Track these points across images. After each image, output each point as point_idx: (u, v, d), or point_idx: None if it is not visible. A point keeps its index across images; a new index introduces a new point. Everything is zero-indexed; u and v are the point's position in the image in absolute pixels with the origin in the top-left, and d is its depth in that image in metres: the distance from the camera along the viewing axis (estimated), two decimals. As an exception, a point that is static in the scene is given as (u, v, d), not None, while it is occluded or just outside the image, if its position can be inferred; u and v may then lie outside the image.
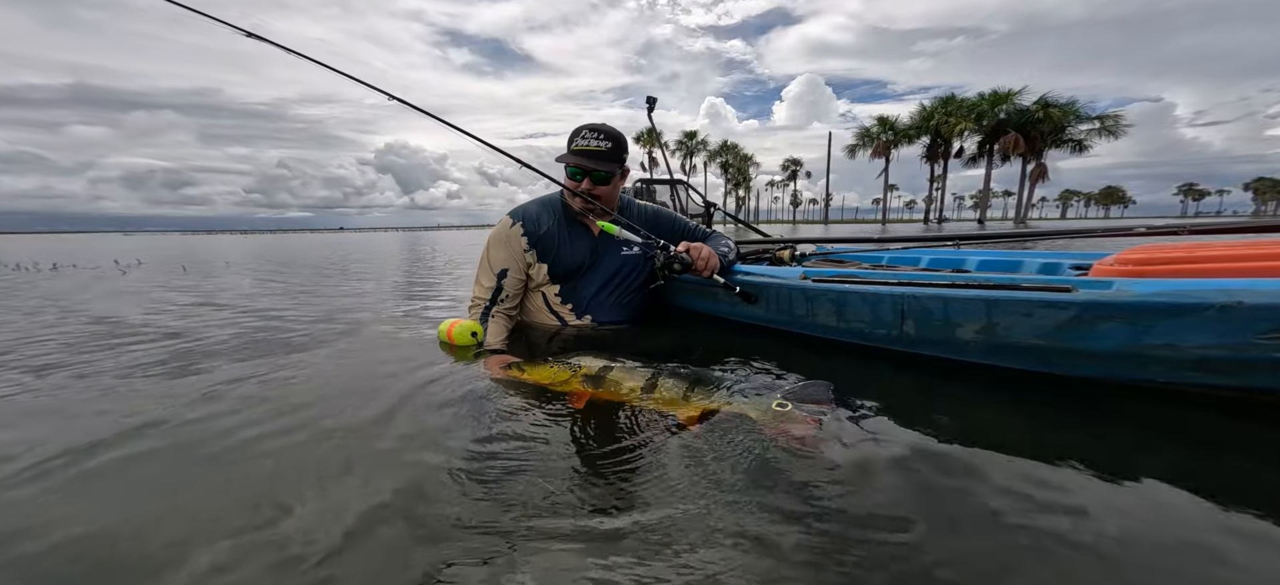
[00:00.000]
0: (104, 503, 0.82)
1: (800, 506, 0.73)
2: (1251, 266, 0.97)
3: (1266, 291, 0.88)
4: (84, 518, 0.77)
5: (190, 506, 0.80)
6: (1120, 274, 1.07)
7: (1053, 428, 0.99)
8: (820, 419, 0.96)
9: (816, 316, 1.53)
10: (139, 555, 0.68)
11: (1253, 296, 0.88)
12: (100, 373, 1.57)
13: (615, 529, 0.69)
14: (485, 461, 0.88)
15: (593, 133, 1.69)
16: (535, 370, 1.24)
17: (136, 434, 1.05)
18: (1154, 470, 0.80)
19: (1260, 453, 0.87)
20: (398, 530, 0.71)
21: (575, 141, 1.69)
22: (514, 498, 0.77)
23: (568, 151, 1.71)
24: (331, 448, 0.97)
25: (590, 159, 1.67)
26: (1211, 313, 0.91)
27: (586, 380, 1.17)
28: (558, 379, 1.19)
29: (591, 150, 1.68)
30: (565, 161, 1.71)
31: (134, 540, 0.72)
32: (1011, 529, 0.68)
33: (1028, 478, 0.79)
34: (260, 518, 0.75)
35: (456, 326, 1.66)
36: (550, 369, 1.22)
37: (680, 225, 1.99)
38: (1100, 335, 1.03)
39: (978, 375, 1.24)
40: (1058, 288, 1.09)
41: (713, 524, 0.69)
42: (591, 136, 1.68)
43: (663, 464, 0.85)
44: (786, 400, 1.03)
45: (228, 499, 0.81)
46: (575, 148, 1.69)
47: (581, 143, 1.68)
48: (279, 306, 2.91)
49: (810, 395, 1.06)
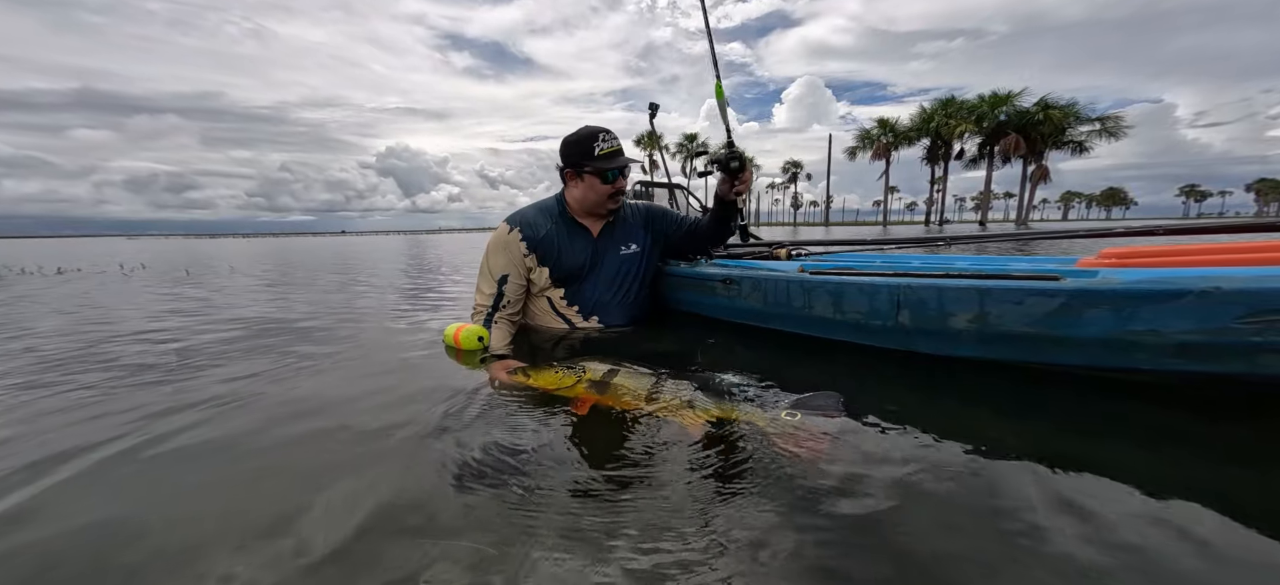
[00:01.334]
0: (106, 504, 0.83)
1: (810, 519, 0.72)
2: (1226, 259, 1.01)
3: (1242, 277, 0.91)
4: (87, 518, 0.78)
5: (196, 509, 0.81)
6: (1104, 266, 1.11)
7: (1055, 434, 0.99)
8: (829, 433, 0.95)
9: (814, 310, 1.56)
10: (143, 556, 0.70)
11: (1229, 282, 0.91)
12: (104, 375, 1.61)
13: (621, 537, 0.69)
14: (490, 468, 0.88)
15: (609, 135, 1.77)
16: (540, 375, 1.23)
17: (144, 436, 1.07)
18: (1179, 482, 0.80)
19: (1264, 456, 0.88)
20: (402, 534, 0.71)
21: (599, 146, 1.75)
22: (518, 505, 0.77)
23: (594, 158, 1.75)
24: (337, 453, 0.98)
25: (622, 157, 1.78)
26: (1191, 298, 0.94)
27: (591, 386, 1.16)
28: (563, 384, 1.19)
29: (618, 149, 1.78)
30: (596, 166, 1.75)
31: (138, 541, 0.73)
32: (1024, 536, 0.68)
33: (1041, 484, 0.79)
34: (263, 520, 0.76)
35: (463, 331, 1.67)
36: (555, 374, 1.21)
37: (675, 218, 2.06)
38: (1087, 322, 1.07)
39: (979, 385, 1.23)
40: (1046, 276, 1.13)
41: (719, 533, 0.69)
42: (611, 139, 1.77)
43: (668, 472, 0.85)
44: (796, 409, 1.02)
45: (230, 502, 0.83)
46: (604, 151, 1.75)
47: (607, 145, 1.75)
48: (283, 308, 2.95)
49: (820, 405, 1.04)
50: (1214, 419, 1.01)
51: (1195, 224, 1.56)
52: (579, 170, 1.77)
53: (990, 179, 36.20)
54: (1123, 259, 1.12)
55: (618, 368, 1.20)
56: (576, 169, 1.78)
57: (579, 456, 0.92)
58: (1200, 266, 1.08)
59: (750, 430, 0.97)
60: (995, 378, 1.25)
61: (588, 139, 1.75)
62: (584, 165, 1.76)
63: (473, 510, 0.76)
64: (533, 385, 1.23)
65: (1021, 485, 0.79)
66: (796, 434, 0.94)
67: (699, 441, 0.94)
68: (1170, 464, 0.88)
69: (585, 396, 1.14)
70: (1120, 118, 30.66)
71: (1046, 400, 1.14)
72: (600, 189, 1.78)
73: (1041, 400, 1.14)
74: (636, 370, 1.20)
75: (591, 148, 1.74)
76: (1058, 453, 0.88)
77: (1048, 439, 0.97)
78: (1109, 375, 1.14)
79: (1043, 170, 33.00)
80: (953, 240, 2.17)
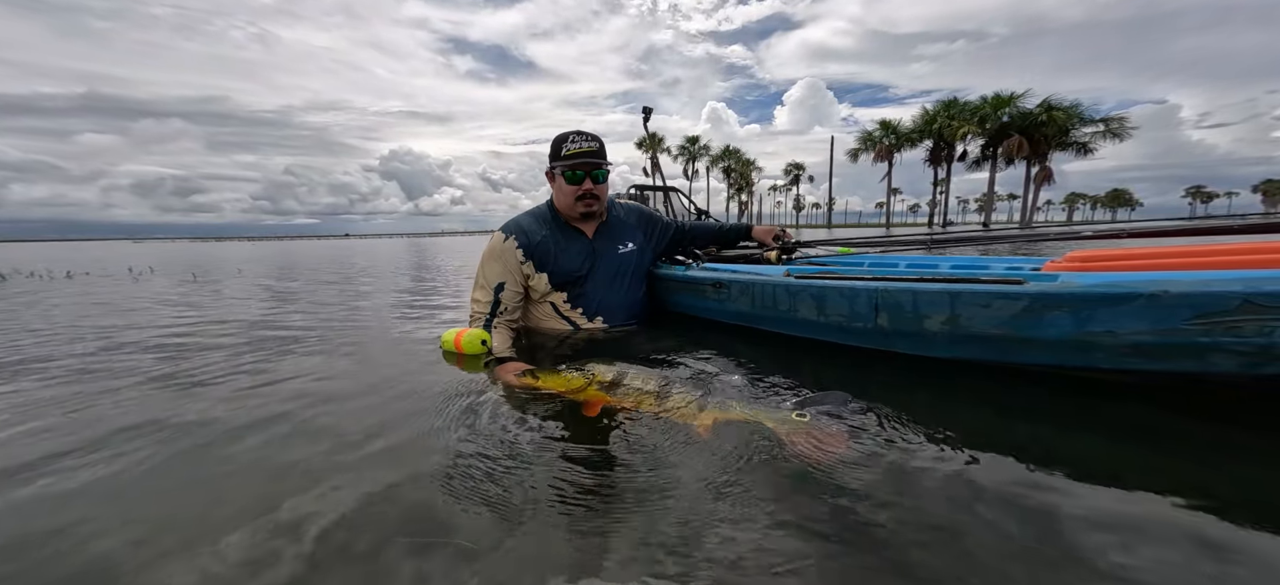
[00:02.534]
0: (108, 504, 0.85)
1: (824, 519, 0.72)
2: (1180, 263, 1.07)
3: (1189, 282, 0.97)
4: (90, 518, 0.81)
5: (201, 509, 0.83)
6: (1066, 270, 1.17)
7: (1066, 433, 1.00)
8: (843, 433, 0.95)
9: (798, 312, 1.62)
10: (148, 556, 0.71)
11: (1177, 286, 0.97)
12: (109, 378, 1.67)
13: (634, 540, 0.70)
14: (499, 471, 0.89)
15: (582, 136, 1.80)
16: (549, 378, 1.23)
17: (155, 436, 1.11)
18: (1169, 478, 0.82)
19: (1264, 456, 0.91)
20: (411, 537, 0.72)
21: (567, 146, 1.79)
22: (528, 508, 0.78)
23: (560, 158, 1.79)
24: (345, 457, 0.99)
25: (588, 158, 1.78)
26: (1141, 301, 1.00)
27: (600, 388, 1.17)
28: (572, 387, 1.19)
29: (586, 150, 1.79)
30: (561, 167, 1.79)
31: (143, 541, 0.74)
32: (1049, 540, 0.68)
33: (1038, 483, 0.80)
34: (263, 522, 0.77)
35: (465, 335, 1.66)
36: (563, 377, 1.21)
37: (665, 223, 2.13)
38: (1048, 324, 1.13)
39: (989, 386, 1.25)
40: (1011, 281, 1.19)
41: (729, 534, 0.70)
42: (582, 139, 1.79)
43: (679, 474, 0.85)
44: (805, 409, 1.03)
45: (231, 504, 0.84)
46: (570, 151, 1.78)
47: (574, 145, 1.79)
48: (288, 311, 3.02)
49: (829, 405, 1.05)
50: (1220, 423, 1.01)
51: (1140, 228, 1.61)
52: (552, 169, 1.83)
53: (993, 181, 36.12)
54: (1086, 263, 1.18)
55: (626, 369, 1.21)
56: (551, 169, 1.84)
57: (591, 459, 0.93)
58: (1160, 270, 1.14)
59: (760, 431, 0.97)
60: (1012, 381, 1.25)
61: (561, 140, 1.80)
62: (555, 165, 1.81)
63: (479, 516, 0.77)
64: (542, 388, 1.23)
65: (1044, 489, 0.79)
66: (808, 434, 0.94)
67: (709, 443, 0.94)
68: (1187, 466, 0.87)
69: (595, 398, 1.14)
70: (1124, 119, 30.58)
71: (1055, 399, 1.15)
72: (566, 189, 1.81)
73: (1045, 399, 1.15)
74: (645, 372, 1.21)
75: (560, 148, 1.79)
76: (1082, 457, 0.89)
77: (1084, 447, 0.95)
78: (1073, 374, 1.20)
79: (1046, 172, 32.91)
80: (947, 242, 2.23)
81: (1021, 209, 34.78)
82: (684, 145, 52.68)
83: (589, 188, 1.80)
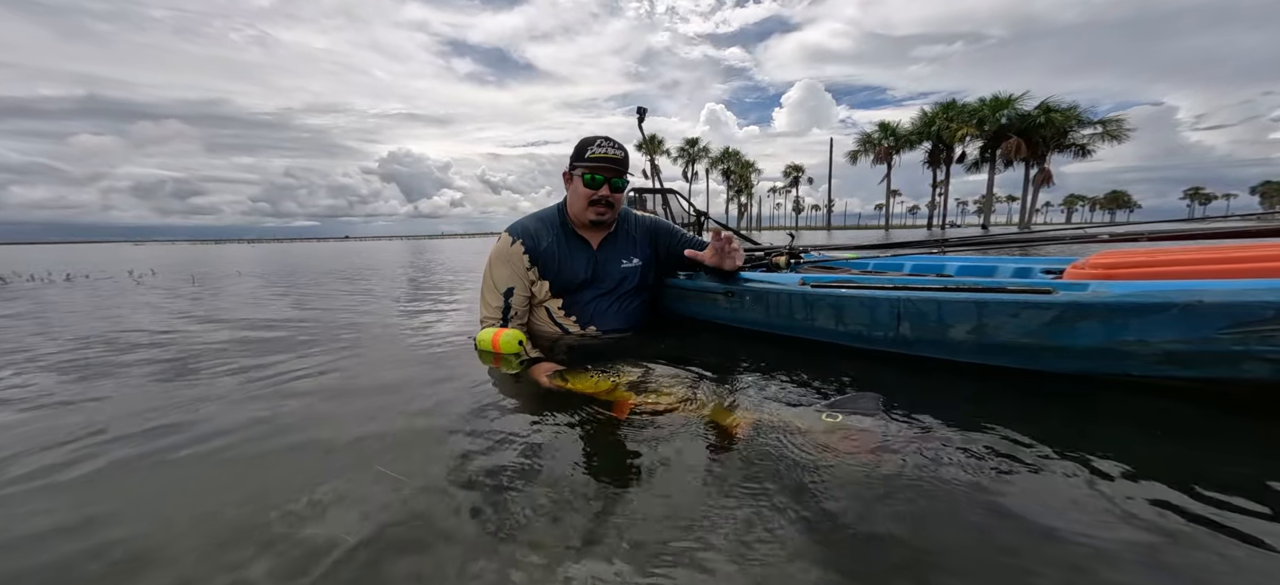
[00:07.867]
0: (110, 504, 0.85)
1: (858, 525, 0.71)
2: (1211, 268, 1.06)
3: (1224, 291, 0.96)
4: (91, 517, 0.81)
5: (216, 507, 0.83)
6: (1093, 277, 1.15)
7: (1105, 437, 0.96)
8: (875, 434, 0.94)
9: (816, 321, 1.61)
10: (159, 557, 0.71)
11: (1212, 296, 0.96)
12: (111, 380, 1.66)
13: (664, 542, 0.70)
14: (527, 472, 0.89)
15: (608, 142, 1.74)
16: (578, 380, 1.24)
17: (146, 436, 1.10)
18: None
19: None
20: (440, 534, 0.73)
21: (591, 150, 1.73)
22: (559, 510, 0.78)
23: (583, 159, 1.74)
24: (372, 458, 0.98)
25: (611, 165, 1.73)
26: (1175, 311, 0.99)
27: (629, 389, 1.17)
28: (601, 388, 1.20)
29: (611, 157, 1.73)
30: (582, 168, 1.74)
31: (147, 542, 0.74)
32: (1082, 540, 0.67)
33: (1083, 485, 0.79)
34: (283, 518, 0.77)
35: (502, 335, 1.67)
36: (592, 378, 1.22)
37: (678, 234, 2.05)
38: (1080, 333, 1.11)
39: (1029, 384, 1.22)
40: (1040, 291, 1.18)
41: (763, 535, 0.70)
42: (608, 145, 1.74)
43: (709, 476, 0.85)
44: (835, 411, 1.02)
45: (257, 499, 0.84)
46: (593, 155, 1.72)
47: (599, 150, 1.72)
48: (294, 312, 3.00)
49: (860, 407, 1.03)
50: (1250, 419, 0.99)
51: (1161, 230, 1.60)
52: (572, 170, 1.78)
53: (992, 182, 36.20)
54: (1111, 268, 1.17)
55: (653, 369, 1.21)
56: (571, 168, 1.79)
57: (619, 460, 0.93)
58: (1186, 276, 1.13)
59: (790, 433, 0.96)
60: (1051, 382, 1.22)
61: (587, 142, 1.76)
62: (576, 166, 1.77)
63: (508, 515, 0.77)
64: (571, 389, 1.24)
65: (1077, 491, 0.78)
66: (841, 436, 0.93)
67: (739, 444, 0.94)
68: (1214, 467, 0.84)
69: (624, 399, 1.14)
70: (1122, 120, 30.71)
71: (1082, 399, 1.12)
72: (582, 191, 1.76)
73: (1071, 398, 1.13)
74: (673, 372, 1.20)
75: (585, 150, 1.75)
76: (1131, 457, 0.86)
77: (1126, 445, 0.92)
78: (1103, 380, 1.18)
79: (1045, 173, 33.00)
80: (947, 244, 2.21)
81: (1021, 211, 34.86)
82: (683, 147, 52.79)
83: (605, 194, 1.76)
